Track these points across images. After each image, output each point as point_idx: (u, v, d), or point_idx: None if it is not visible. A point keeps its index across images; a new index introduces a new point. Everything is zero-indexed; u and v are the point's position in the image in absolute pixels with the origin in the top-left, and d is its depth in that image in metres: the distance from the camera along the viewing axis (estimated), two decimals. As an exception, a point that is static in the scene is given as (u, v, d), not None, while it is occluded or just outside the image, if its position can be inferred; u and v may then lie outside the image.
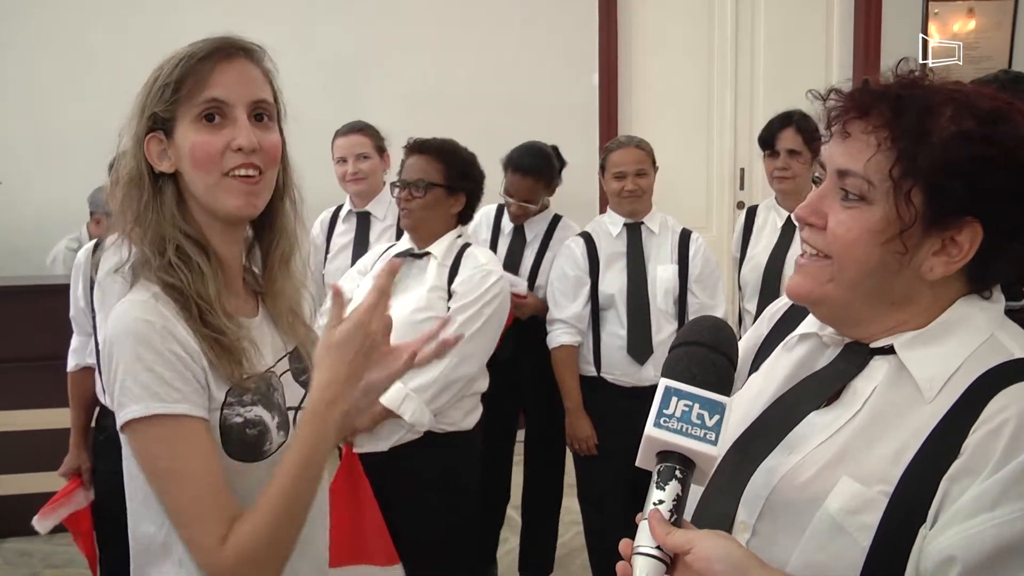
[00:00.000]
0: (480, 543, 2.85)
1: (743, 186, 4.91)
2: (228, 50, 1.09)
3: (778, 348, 1.01)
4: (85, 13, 4.25)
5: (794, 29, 4.81)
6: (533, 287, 2.90)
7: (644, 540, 0.77)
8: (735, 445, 0.93)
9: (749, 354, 1.07)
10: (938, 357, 0.84)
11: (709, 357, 0.84)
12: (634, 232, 2.72)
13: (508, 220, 2.97)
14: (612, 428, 2.64)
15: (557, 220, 2.98)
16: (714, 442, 0.80)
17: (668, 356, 0.87)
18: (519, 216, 2.92)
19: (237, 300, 1.17)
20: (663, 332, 2.65)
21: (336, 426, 1.04)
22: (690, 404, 0.81)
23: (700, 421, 0.81)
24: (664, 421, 0.81)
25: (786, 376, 0.96)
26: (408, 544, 2.16)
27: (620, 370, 2.67)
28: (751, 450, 0.91)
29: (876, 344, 0.88)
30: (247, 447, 1.07)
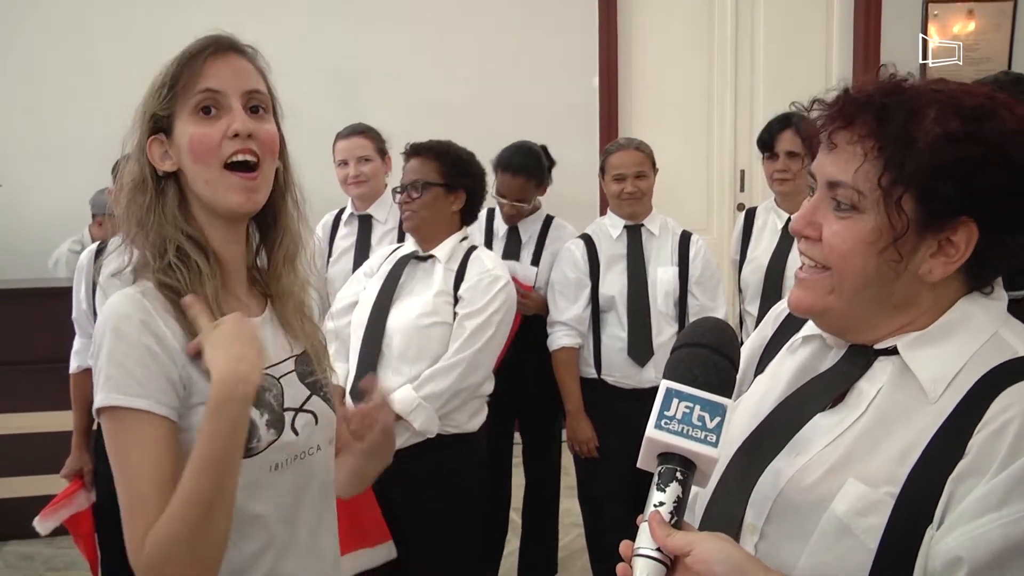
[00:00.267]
0: (484, 547, 2.85)
1: (743, 188, 4.91)
2: (218, 45, 1.11)
3: (783, 350, 1.01)
4: (86, 16, 4.25)
5: (794, 31, 4.81)
6: (533, 288, 2.90)
7: (644, 542, 0.78)
8: (742, 447, 0.93)
9: (754, 355, 1.07)
10: (941, 357, 0.84)
11: (711, 359, 0.84)
12: (634, 234, 2.72)
13: (501, 223, 2.97)
14: (612, 430, 2.64)
15: (550, 220, 2.98)
16: (715, 444, 0.80)
17: (670, 358, 0.87)
18: (512, 217, 2.92)
19: (238, 300, 1.17)
20: (663, 334, 2.65)
21: (237, 421, 1.01)
22: (691, 406, 0.81)
23: (701, 423, 0.81)
24: (665, 423, 0.81)
25: (791, 378, 0.96)
26: (412, 546, 2.16)
27: (620, 372, 2.67)
28: (758, 453, 0.91)
29: (880, 345, 0.88)
30: None
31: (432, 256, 2.26)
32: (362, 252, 2.93)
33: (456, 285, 2.21)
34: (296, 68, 1.12)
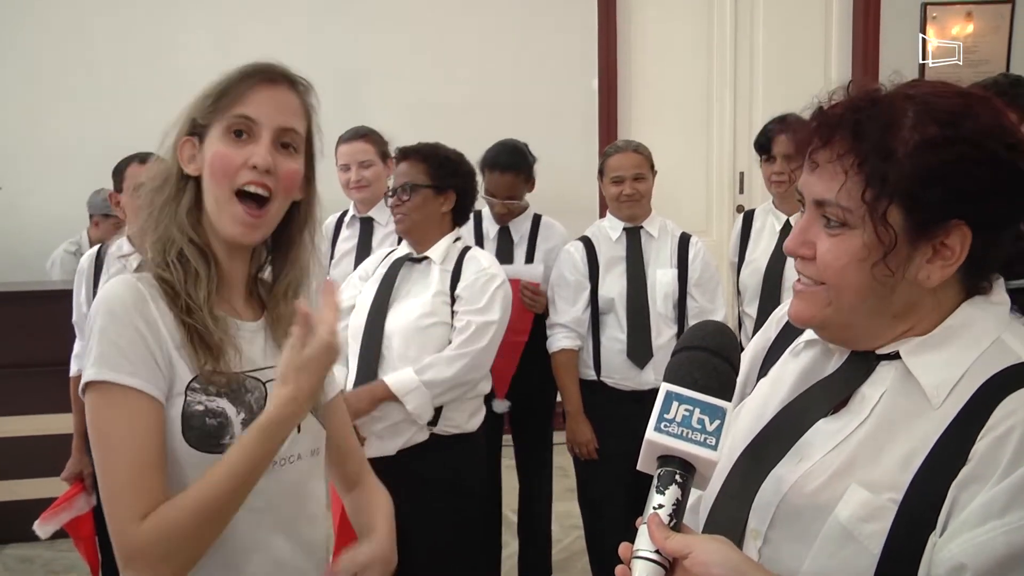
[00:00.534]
0: (484, 547, 2.85)
1: (742, 190, 4.92)
2: (272, 74, 1.16)
3: (786, 353, 1.01)
4: (85, 17, 4.25)
5: (793, 34, 4.82)
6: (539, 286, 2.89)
7: (643, 544, 0.78)
8: (745, 452, 0.93)
9: (757, 358, 1.07)
10: (944, 363, 0.83)
11: (711, 362, 0.84)
12: (633, 236, 2.72)
13: (490, 225, 2.95)
14: (612, 432, 2.65)
15: (539, 219, 2.97)
16: (714, 447, 0.80)
17: (670, 361, 0.87)
18: (503, 216, 2.90)
19: (230, 306, 1.19)
20: (663, 336, 2.65)
21: (278, 442, 1.06)
22: (691, 409, 0.82)
23: (701, 426, 0.81)
24: (665, 425, 0.81)
25: (794, 382, 0.96)
26: (413, 546, 2.17)
27: (620, 374, 2.67)
28: (761, 457, 0.91)
29: (882, 351, 0.88)
30: (206, 436, 1.09)
31: (427, 258, 2.27)
32: (363, 254, 2.93)
33: (453, 285, 2.22)
34: (296, 69, 1.13)
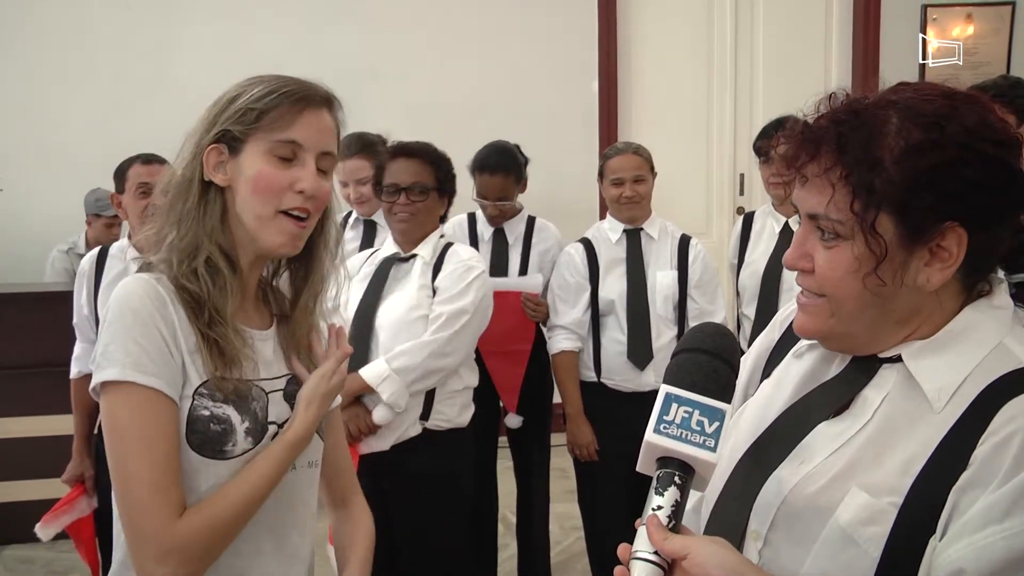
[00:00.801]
0: (480, 551, 2.85)
1: (743, 191, 4.92)
2: (318, 99, 1.17)
3: (788, 355, 1.01)
4: (86, 19, 4.26)
5: (793, 36, 4.82)
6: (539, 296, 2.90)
7: (642, 545, 0.78)
8: (747, 453, 0.93)
9: (761, 360, 1.07)
10: (946, 367, 0.83)
11: (710, 364, 0.84)
12: (633, 238, 2.73)
13: (484, 227, 2.94)
14: (612, 433, 2.65)
15: (533, 221, 2.97)
16: (713, 449, 0.80)
17: (670, 363, 0.87)
18: (496, 218, 2.88)
19: (246, 314, 1.20)
20: (663, 337, 2.66)
21: (296, 454, 1.16)
22: (690, 411, 0.82)
23: (700, 428, 0.81)
24: (664, 427, 0.81)
25: (796, 385, 0.96)
26: (403, 541, 2.18)
27: (620, 375, 2.67)
28: (763, 459, 0.91)
29: (885, 354, 0.88)
30: (208, 441, 1.09)
31: (414, 256, 2.30)
32: (366, 255, 2.94)
33: (434, 277, 2.26)
34: (296, 70, 1.13)
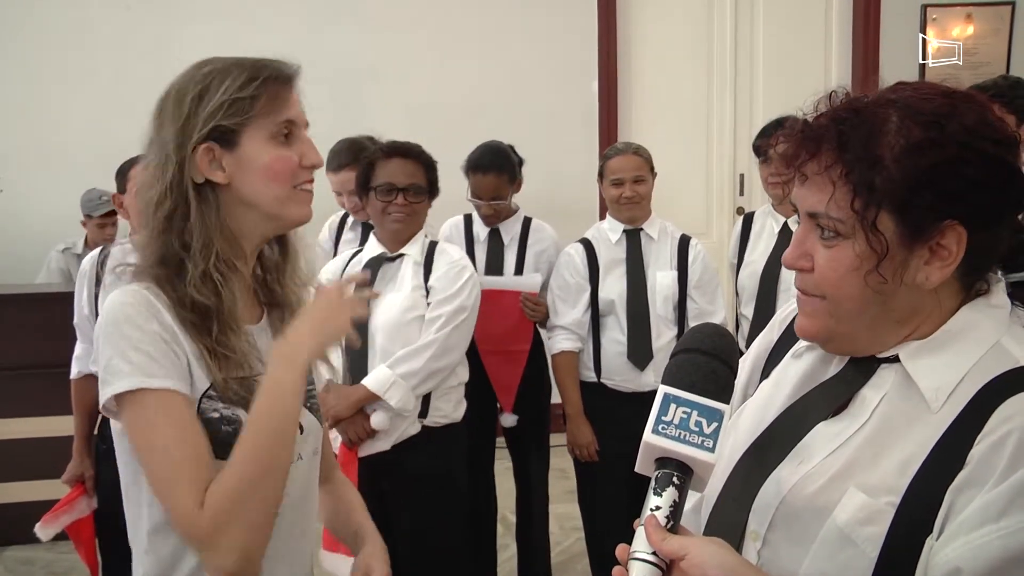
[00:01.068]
0: (479, 551, 2.85)
1: (743, 192, 4.92)
2: (293, 74, 1.16)
3: (787, 356, 1.01)
4: (86, 20, 4.26)
5: (793, 36, 4.82)
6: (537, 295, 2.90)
7: (640, 545, 0.78)
8: (747, 454, 0.93)
9: (760, 360, 1.07)
10: (943, 366, 0.84)
11: (709, 364, 0.85)
12: (633, 238, 2.73)
13: (480, 228, 2.94)
14: (612, 434, 2.65)
15: (529, 221, 2.97)
16: (711, 449, 0.81)
17: (668, 363, 0.87)
18: (491, 217, 2.89)
19: (245, 309, 1.19)
20: (663, 338, 2.66)
21: (300, 376, 1.07)
22: (688, 411, 0.82)
23: (698, 428, 0.81)
24: (662, 428, 0.81)
25: (795, 385, 0.97)
26: (404, 541, 2.19)
27: (620, 376, 2.67)
28: (761, 460, 0.91)
29: (883, 354, 0.88)
30: (219, 443, 1.08)
31: (402, 255, 2.33)
32: (365, 255, 2.94)
33: (426, 277, 2.30)
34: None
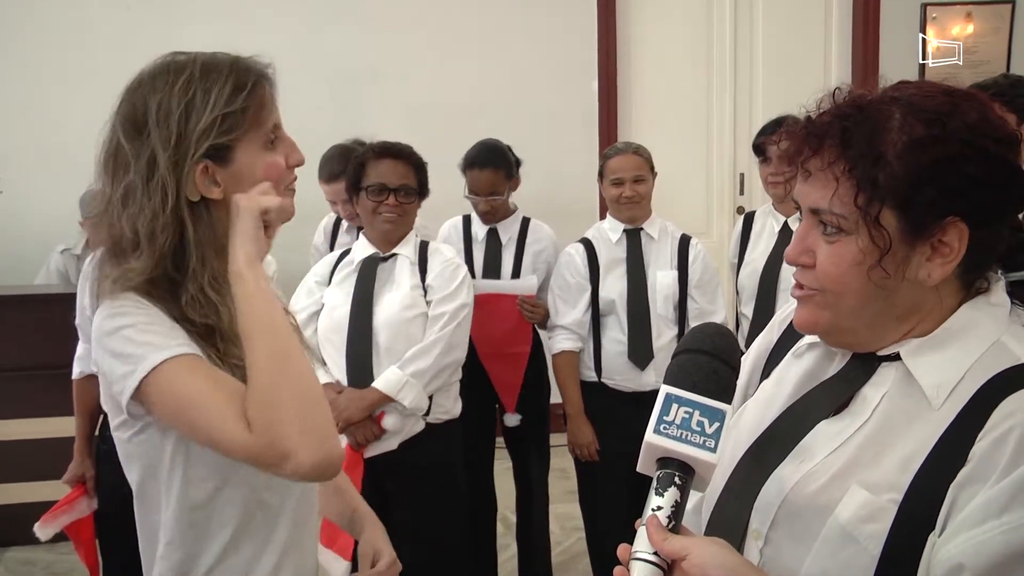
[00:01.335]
0: (479, 551, 2.85)
1: (743, 191, 4.92)
2: (271, 74, 1.15)
3: (788, 355, 1.02)
4: (86, 20, 4.26)
5: (793, 36, 4.82)
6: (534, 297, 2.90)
7: (641, 546, 0.78)
8: (748, 453, 0.94)
9: (760, 359, 1.07)
10: (944, 364, 0.84)
11: (711, 364, 0.84)
12: (634, 238, 2.73)
13: (479, 228, 2.94)
14: (613, 433, 2.65)
15: (527, 222, 2.98)
16: (713, 449, 0.80)
17: (670, 363, 0.87)
18: (489, 214, 2.88)
19: None
20: (663, 337, 2.66)
21: (256, 272, 1.05)
22: (690, 411, 0.82)
23: (700, 428, 0.81)
24: (664, 428, 0.81)
25: (796, 384, 0.97)
26: (406, 540, 2.19)
27: (621, 375, 2.67)
28: (763, 459, 0.92)
29: (883, 352, 0.89)
30: None
31: (394, 255, 2.35)
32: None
33: (422, 276, 2.33)
34: (295, 71, 1.13)
